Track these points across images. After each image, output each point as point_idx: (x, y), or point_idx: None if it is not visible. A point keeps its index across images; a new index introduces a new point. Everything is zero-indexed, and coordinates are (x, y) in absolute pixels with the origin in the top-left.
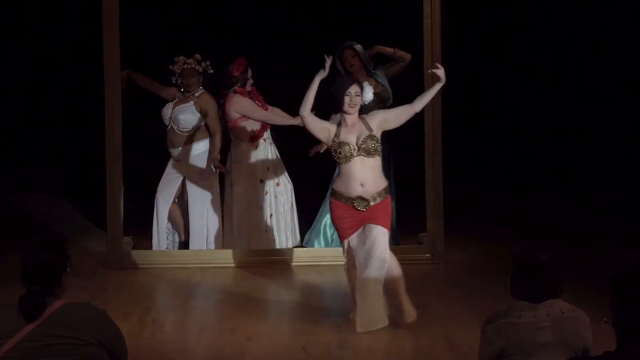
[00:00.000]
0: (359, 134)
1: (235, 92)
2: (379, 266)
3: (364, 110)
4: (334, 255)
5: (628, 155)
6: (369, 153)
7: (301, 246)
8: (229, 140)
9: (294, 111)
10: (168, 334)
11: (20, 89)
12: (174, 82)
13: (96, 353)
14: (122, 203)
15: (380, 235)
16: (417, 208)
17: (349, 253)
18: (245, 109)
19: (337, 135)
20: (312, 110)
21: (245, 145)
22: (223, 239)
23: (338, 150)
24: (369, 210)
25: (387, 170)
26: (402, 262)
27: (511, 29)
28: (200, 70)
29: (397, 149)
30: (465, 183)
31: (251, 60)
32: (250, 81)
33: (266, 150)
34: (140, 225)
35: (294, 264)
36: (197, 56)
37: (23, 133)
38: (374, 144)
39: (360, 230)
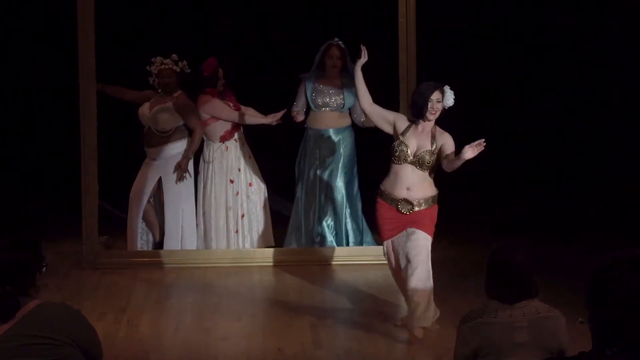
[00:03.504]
0: (422, 144)
1: (205, 92)
2: (425, 277)
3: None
4: (308, 255)
5: (606, 156)
6: (421, 165)
7: (274, 246)
8: (202, 141)
9: (267, 110)
10: (143, 334)
11: None
12: (151, 83)
13: (71, 353)
14: (97, 203)
15: (422, 242)
16: None
17: (389, 255)
18: (215, 110)
19: (403, 134)
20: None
21: (216, 146)
22: (197, 239)
23: (395, 149)
24: (412, 215)
25: (351, 170)
26: (377, 262)
27: (487, 28)
28: (178, 70)
29: (368, 148)
30: (439, 183)
31: (225, 60)
32: (222, 81)
33: (237, 150)
34: (114, 225)
35: (268, 264)
36: (174, 56)
37: None
38: (429, 159)
39: (402, 233)
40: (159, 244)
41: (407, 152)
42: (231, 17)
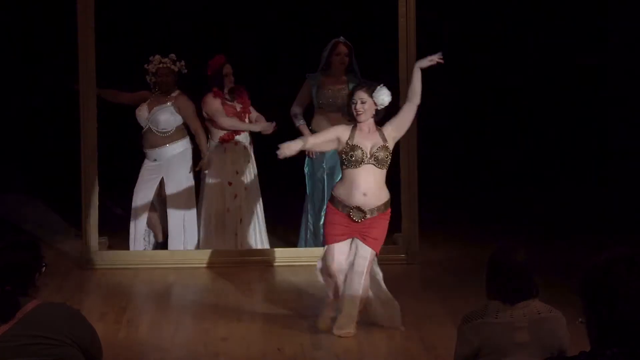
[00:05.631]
0: (374, 143)
1: (211, 91)
2: (358, 290)
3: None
4: (309, 255)
5: (606, 155)
6: (379, 163)
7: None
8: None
9: (269, 112)
10: (143, 334)
11: None
12: (148, 81)
13: (71, 353)
14: (97, 204)
15: (365, 259)
16: (392, 208)
17: (331, 259)
18: (210, 111)
19: (350, 138)
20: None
21: (216, 147)
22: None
23: (350, 154)
24: (364, 223)
25: None
26: (377, 262)
27: (486, 27)
28: (176, 70)
29: None
30: (440, 183)
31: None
32: (230, 78)
33: (237, 153)
34: (114, 225)
35: (268, 264)
36: (172, 56)
37: None
38: (386, 155)
39: (350, 240)
40: (161, 245)
41: (363, 153)
42: (229, 18)
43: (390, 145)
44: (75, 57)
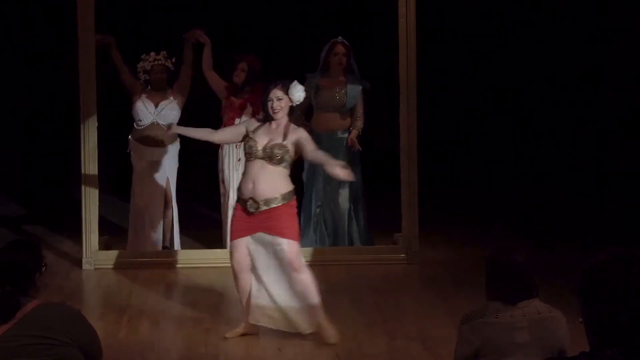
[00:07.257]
0: (272, 138)
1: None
2: (311, 282)
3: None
4: (308, 255)
5: (606, 155)
6: (271, 159)
7: None
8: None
9: None
10: (143, 334)
11: None
12: (142, 79)
13: (71, 353)
14: (97, 203)
15: (291, 251)
16: (392, 208)
17: (238, 256)
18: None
19: (253, 131)
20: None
21: None
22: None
23: (245, 145)
24: (263, 217)
25: (355, 170)
26: (377, 262)
27: (486, 28)
28: (170, 66)
29: (370, 150)
30: (440, 183)
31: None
32: (240, 74)
33: (223, 150)
34: (114, 225)
35: None
36: (164, 53)
37: None
38: (279, 153)
39: (255, 236)
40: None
41: (255, 147)
42: (229, 18)
43: (289, 146)
44: (75, 57)
